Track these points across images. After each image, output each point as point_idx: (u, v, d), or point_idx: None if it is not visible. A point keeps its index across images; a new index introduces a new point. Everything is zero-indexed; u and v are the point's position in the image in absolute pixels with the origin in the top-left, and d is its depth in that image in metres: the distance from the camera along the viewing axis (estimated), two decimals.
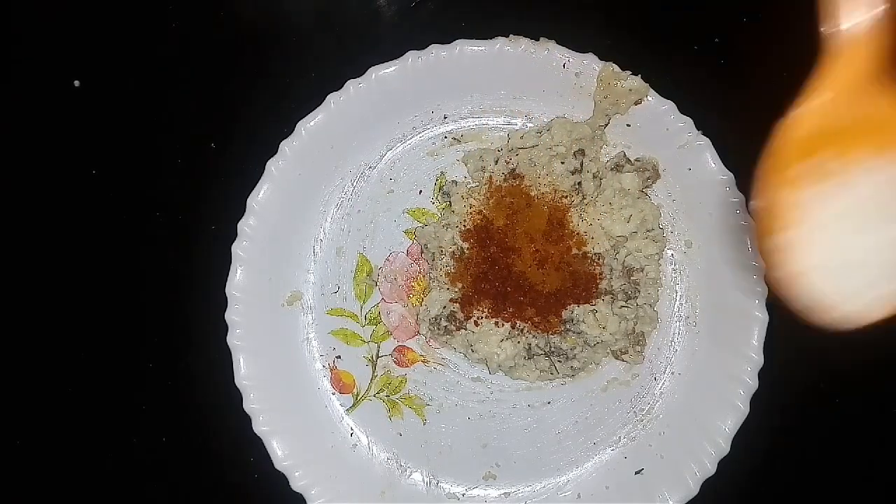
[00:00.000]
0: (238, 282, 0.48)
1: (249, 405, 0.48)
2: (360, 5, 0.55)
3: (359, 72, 0.49)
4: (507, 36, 0.49)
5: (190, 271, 0.51)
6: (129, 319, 0.53)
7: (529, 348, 0.49)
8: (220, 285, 0.49)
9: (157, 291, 0.53)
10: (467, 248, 0.49)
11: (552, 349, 0.49)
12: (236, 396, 0.48)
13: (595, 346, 0.49)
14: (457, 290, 0.49)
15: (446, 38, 0.49)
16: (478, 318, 0.49)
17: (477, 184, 0.50)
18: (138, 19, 0.54)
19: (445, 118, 0.51)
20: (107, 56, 0.54)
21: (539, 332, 0.49)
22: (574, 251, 0.49)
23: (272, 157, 0.49)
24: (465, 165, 0.51)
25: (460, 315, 0.49)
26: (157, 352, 0.53)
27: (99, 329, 0.53)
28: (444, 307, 0.49)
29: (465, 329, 0.49)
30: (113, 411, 0.53)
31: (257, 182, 0.49)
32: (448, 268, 0.49)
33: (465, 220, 0.49)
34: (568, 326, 0.49)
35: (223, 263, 0.49)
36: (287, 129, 0.49)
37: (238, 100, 0.53)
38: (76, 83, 0.54)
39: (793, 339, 0.50)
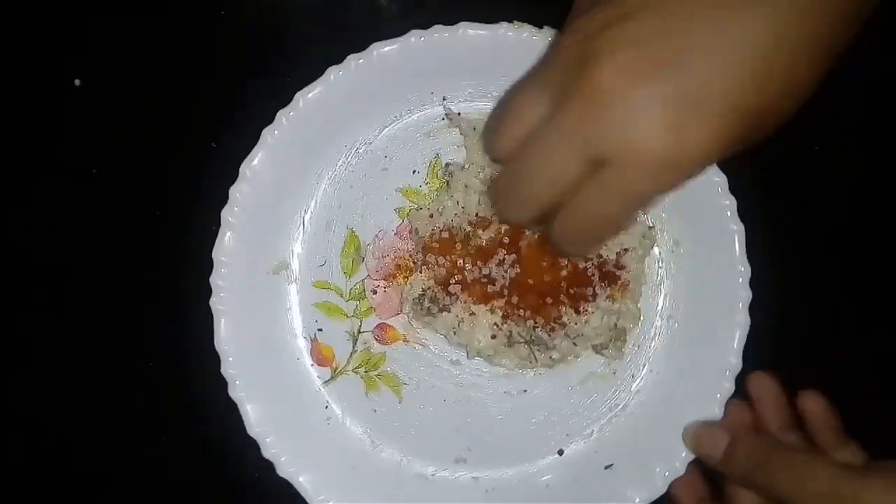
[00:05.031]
0: (226, 246, 0.49)
1: (227, 369, 0.48)
2: (362, 4, 0.55)
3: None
4: (511, 22, 0.49)
5: (190, 270, 0.51)
6: (129, 318, 0.53)
7: (510, 336, 0.49)
8: None
9: (157, 290, 0.53)
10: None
11: (532, 338, 0.49)
12: None
13: (575, 338, 0.49)
14: (443, 270, 0.49)
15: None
16: (463, 304, 0.49)
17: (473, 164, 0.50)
18: (138, 18, 0.54)
19: (445, 99, 0.51)
20: (107, 55, 0.54)
21: (531, 320, 0.49)
22: None
23: (268, 125, 0.49)
24: (464, 139, 0.51)
25: (443, 297, 0.49)
26: (156, 351, 0.53)
27: (98, 328, 0.53)
28: (429, 288, 0.49)
29: (449, 312, 0.49)
30: (112, 410, 0.53)
31: None
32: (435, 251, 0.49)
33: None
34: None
35: None
36: None
37: (239, 99, 0.53)
38: (76, 82, 0.54)
39: (772, 344, 0.50)
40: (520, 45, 0.49)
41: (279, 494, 0.49)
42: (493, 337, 0.49)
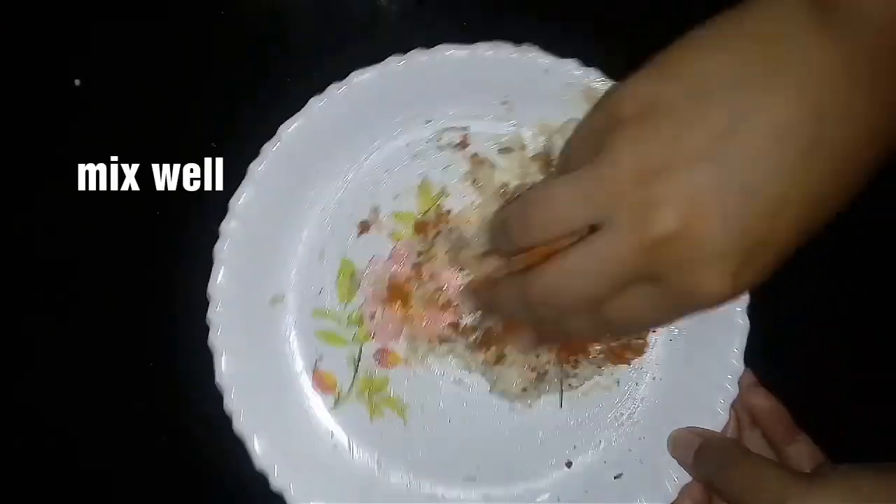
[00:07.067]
0: (220, 282, 0.49)
1: (229, 405, 0.48)
2: (362, 4, 0.55)
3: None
4: (491, 41, 0.49)
5: (190, 270, 0.51)
6: (129, 318, 0.53)
7: (543, 374, 0.50)
8: None
9: (156, 291, 0.53)
10: None
11: (561, 374, 0.50)
12: None
13: (601, 363, 0.50)
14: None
15: (453, 38, 0.49)
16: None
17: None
18: (138, 18, 0.55)
19: (429, 122, 0.52)
20: (107, 55, 0.54)
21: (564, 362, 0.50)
22: None
23: (254, 159, 0.49)
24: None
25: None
26: (156, 351, 0.53)
27: (98, 328, 0.53)
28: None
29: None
30: (112, 410, 0.53)
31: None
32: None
33: None
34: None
35: None
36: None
37: (238, 100, 0.53)
38: (76, 82, 0.54)
39: (772, 347, 0.50)
40: (500, 64, 0.49)
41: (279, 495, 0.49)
42: (524, 390, 0.50)
